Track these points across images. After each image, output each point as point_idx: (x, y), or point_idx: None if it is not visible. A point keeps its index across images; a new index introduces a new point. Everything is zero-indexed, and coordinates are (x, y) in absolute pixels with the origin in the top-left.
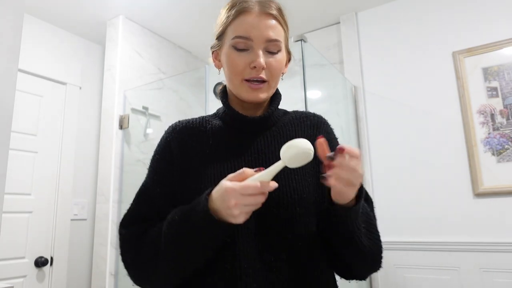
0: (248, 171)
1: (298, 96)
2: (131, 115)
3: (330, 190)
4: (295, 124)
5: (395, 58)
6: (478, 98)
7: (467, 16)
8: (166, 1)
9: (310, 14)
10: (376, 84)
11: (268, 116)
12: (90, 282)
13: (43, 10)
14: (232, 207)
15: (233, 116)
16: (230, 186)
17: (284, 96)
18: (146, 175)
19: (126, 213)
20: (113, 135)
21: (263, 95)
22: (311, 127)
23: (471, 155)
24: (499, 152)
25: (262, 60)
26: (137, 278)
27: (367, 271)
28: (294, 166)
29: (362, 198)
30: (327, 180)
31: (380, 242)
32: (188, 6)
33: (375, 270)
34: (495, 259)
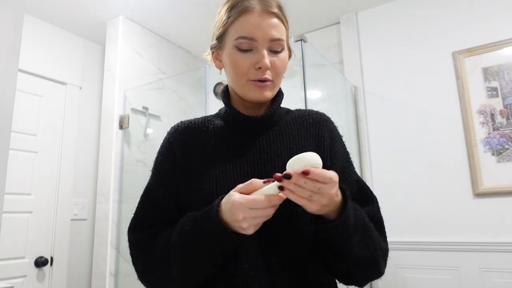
0: (256, 182)
1: (298, 96)
2: (131, 115)
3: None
4: (297, 122)
5: (395, 58)
6: (478, 98)
7: (467, 16)
8: (166, 1)
9: (310, 14)
10: (376, 84)
11: (270, 115)
12: (90, 282)
13: (43, 10)
14: (241, 220)
15: (235, 116)
16: (237, 200)
17: (284, 96)
18: (150, 176)
19: (133, 218)
20: (113, 135)
21: (269, 94)
22: (314, 125)
23: (471, 155)
24: (499, 152)
25: (267, 60)
26: (149, 283)
27: (364, 280)
28: None
29: (346, 210)
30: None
31: (380, 250)
32: (188, 6)
33: (373, 278)
34: (495, 259)
